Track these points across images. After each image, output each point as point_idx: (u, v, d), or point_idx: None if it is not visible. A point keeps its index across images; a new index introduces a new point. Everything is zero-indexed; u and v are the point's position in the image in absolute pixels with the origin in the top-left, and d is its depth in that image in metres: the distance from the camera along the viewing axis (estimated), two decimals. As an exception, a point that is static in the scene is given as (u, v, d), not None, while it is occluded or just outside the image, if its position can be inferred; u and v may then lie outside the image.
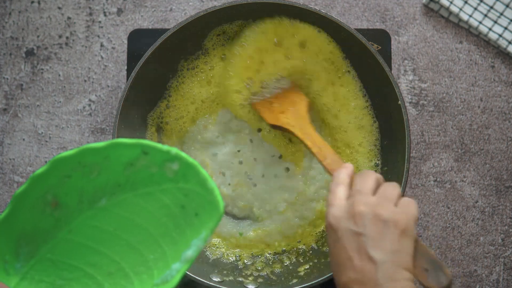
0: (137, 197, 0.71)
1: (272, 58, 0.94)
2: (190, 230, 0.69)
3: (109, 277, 0.71)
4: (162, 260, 0.71)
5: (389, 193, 0.72)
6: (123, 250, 0.71)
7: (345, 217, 0.71)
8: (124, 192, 0.70)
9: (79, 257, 0.71)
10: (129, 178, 0.70)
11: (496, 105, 1.07)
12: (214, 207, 0.68)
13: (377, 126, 0.99)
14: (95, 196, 0.70)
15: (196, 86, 0.99)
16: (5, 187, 1.06)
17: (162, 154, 0.69)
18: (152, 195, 0.70)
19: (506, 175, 1.06)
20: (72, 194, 0.69)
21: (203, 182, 0.68)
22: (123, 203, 0.71)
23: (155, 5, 1.08)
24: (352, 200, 0.72)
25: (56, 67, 1.07)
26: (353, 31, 0.93)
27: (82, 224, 0.71)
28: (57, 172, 0.68)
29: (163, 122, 0.99)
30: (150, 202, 0.71)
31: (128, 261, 0.71)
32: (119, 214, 0.70)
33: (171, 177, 0.69)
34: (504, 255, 1.05)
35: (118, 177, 0.69)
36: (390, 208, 0.70)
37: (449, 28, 1.08)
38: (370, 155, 0.99)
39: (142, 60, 0.92)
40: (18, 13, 1.08)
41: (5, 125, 1.06)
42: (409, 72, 1.07)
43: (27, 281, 0.69)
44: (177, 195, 0.70)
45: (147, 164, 0.69)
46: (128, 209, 0.71)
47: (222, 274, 0.95)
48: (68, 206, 0.69)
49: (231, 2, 0.93)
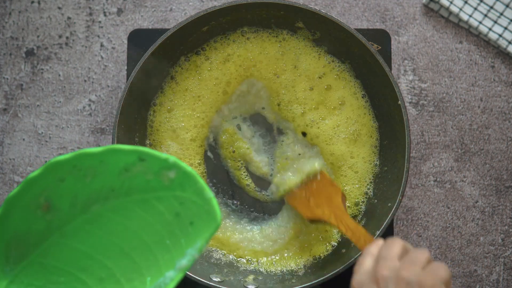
0: (131, 203, 0.70)
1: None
2: (184, 239, 0.69)
3: (100, 283, 0.71)
4: (155, 268, 0.70)
5: (416, 258, 0.70)
6: (115, 255, 0.71)
7: (368, 282, 0.70)
8: (118, 198, 0.70)
9: (70, 262, 0.70)
10: (124, 183, 0.69)
11: (496, 105, 1.07)
12: (211, 217, 0.67)
13: (377, 126, 0.99)
14: (89, 200, 0.70)
15: (196, 86, 0.99)
16: (5, 187, 1.06)
17: (160, 161, 0.68)
18: (146, 201, 0.70)
19: (506, 175, 1.06)
20: (65, 198, 0.68)
21: (201, 191, 0.68)
22: (116, 209, 0.70)
23: (155, 5, 1.08)
24: (376, 266, 0.71)
25: (56, 67, 1.07)
26: (353, 31, 0.93)
27: (74, 228, 0.70)
28: (51, 175, 0.67)
29: (163, 122, 0.99)
30: (144, 208, 0.70)
31: (120, 267, 0.71)
32: (112, 219, 0.70)
33: (167, 185, 0.69)
34: (504, 255, 1.05)
35: (112, 182, 0.69)
36: (415, 271, 0.68)
37: (449, 28, 1.08)
38: (370, 155, 0.99)
39: (142, 60, 0.92)
40: (18, 13, 1.08)
41: (5, 125, 1.06)
42: (409, 72, 1.07)
43: (15, 285, 0.68)
44: (172, 203, 0.69)
45: (143, 171, 0.68)
46: (121, 215, 0.70)
47: (222, 274, 0.95)
48: (60, 210, 0.69)
49: (231, 2, 0.93)
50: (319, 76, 1.00)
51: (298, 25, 0.98)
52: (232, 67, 1.00)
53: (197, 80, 0.99)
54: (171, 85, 0.99)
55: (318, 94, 0.99)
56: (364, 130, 0.99)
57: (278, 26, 0.99)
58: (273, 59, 1.00)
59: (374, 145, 0.99)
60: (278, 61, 1.00)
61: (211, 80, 1.00)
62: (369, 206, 0.98)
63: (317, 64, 1.00)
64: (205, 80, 0.99)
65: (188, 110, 1.00)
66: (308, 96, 0.99)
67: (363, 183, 0.99)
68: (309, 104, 0.99)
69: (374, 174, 0.99)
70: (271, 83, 1.00)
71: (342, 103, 0.99)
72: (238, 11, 0.95)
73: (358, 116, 0.99)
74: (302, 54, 1.00)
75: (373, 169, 0.99)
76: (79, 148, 1.06)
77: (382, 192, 0.97)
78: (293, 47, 1.00)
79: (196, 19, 0.93)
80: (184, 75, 0.99)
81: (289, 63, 1.00)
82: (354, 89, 0.99)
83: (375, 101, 0.99)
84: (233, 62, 1.00)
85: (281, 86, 1.00)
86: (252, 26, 0.99)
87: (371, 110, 0.99)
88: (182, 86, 0.99)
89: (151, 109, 0.99)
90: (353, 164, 0.99)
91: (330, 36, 0.97)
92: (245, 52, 1.00)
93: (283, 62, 1.00)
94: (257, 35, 1.00)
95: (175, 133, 0.99)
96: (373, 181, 0.99)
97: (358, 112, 0.99)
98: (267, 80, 1.00)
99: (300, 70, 1.00)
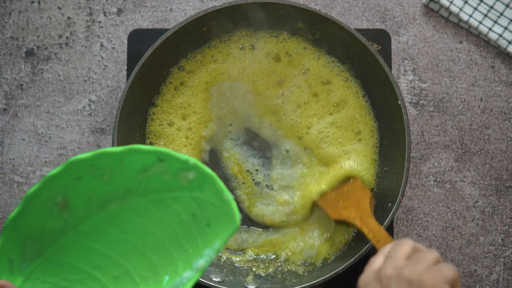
0: (148, 203, 0.70)
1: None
2: (201, 240, 0.69)
3: (115, 281, 0.71)
4: (171, 267, 0.71)
5: (423, 258, 0.69)
6: (130, 254, 0.71)
7: (373, 281, 0.70)
8: (135, 197, 0.70)
9: (85, 259, 0.71)
10: (141, 183, 0.70)
11: (496, 105, 1.07)
12: (230, 218, 0.68)
13: (377, 126, 0.99)
14: (105, 199, 0.70)
15: (196, 86, 0.99)
16: (5, 187, 1.06)
17: (179, 162, 0.68)
18: (163, 201, 0.70)
19: (506, 175, 1.06)
20: (81, 196, 0.69)
21: (220, 193, 0.68)
22: (133, 208, 0.70)
23: (155, 5, 1.08)
24: (382, 265, 0.71)
25: (56, 67, 1.07)
26: (353, 31, 0.93)
27: (89, 227, 0.71)
28: (70, 173, 0.67)
29: (163, 122, 0.99)
30: (161, 208, 0.70)
31: (135, 266, 0.71)
32: (128, 218, 0.70)
33: (185, 186, 0.69)
34: (504, 255, 1.05)
35: (130, 182, 0.69)
36: (418, 270, 0.68)
37: (449, 28, 1.08)
38: (370, 155, 0.99)
39: (142, 60, 0.92)
40: (18, 13, 1.08)
41: (5, 125, 1.06)
42: (409, 72, 1.07)
43: (31, 282, 0.69)
44: (190, 204, 0.70)
45: (161, 171, 0.69)
46: (137, 214, 0.70)
47: (222, 274, 0.95)
48: (76, 208, 0.69)
49: (231, 2, 0.93)
50: (319, 76, 0.99)
51: (298, 25, 0.98)
52: (232, 67, 1.00)
53: (197, 80, 0.99)
54: (171, 85, 0.99)
55: (318, 94, 0.99)
56: (364, 130, 0.99)
57: (278, 26, 0.99)
58: (273, 59, 1.00)
59: (374, 145, 0.99)
60: (278, 61, 1.00)
61: (211, 80, 1.00)
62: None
63: (317, 64, 1.00)
64: (205, 80, 0.99)
65: (188, 110, 1.00)
66: (308, 96, 0.99)
67: (363, 183, 0.99)
68: (309, 104, 0.99)
69: (374, 174, 0.99)
70: (271, 83, 1.00)
71: (342, 103, 0.99)
72: (238, 11, 0.95)
73: (358, 116, 0.99)
74: (302, 54, 1.00)
75: (373, 169, 0.99)
76: (79, 148, 1.06)
77: (382, 192, 0.97)
78: (293, 47, 1.00)
79: (196, 19, 0.93)
80: (185, 75, 0.99)
81: (289, 63, 1.00)
82: (354, 89, 0.99)
83: (375, 101, 0.99)
84: (233, 62, 1.00)
85: (281, 86, 1.00)
86: (252, 26, 0.99)
87: (371, 110, 0.99)
88: (182, 86, 0.99)
89: (151, 109, 0.99)
90: (353, 164, 0.99)
91: (330, 36, 0.97)
92: (245, 52, 1.00)
93: (283, 62, 1.00)
94: (257, 35, 1.00)
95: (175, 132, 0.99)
96: (373, 181, 0.99)
97: (358, 112, 0.99)
98: (267, 81, 1.00)
99: (300, 70, 1.00)
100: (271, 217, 0.98)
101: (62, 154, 1.06)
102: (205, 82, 0.99)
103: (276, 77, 1.00)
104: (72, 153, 1.06)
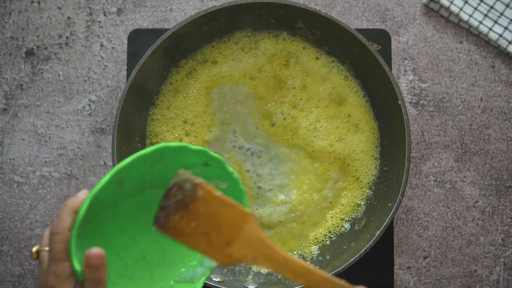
0: None
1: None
2: None
3: (135, 262, 0.75)
4: (179, 258, 0.76)
5: None
6: (149, 241, 0.75)
7: None
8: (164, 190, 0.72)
9: (117, 237, 0.75)
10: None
11: (496, 105, 1.07)
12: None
13: (377, 126, 0.99)
14: (145, 184, 0.73)
15: (196, 86, 0.99)
16: (5, 187, 1.06)
17: (222, 172, 0.73)
18: None
19: (506, 175, 1.06)
20: (132, 177, 0.71)
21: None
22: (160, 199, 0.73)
23: (155, 5, 1.08)
24: None
25: (56, 67, 1.07)
26: (353, 31, 0.93)
27: (124, 209, 0.74)
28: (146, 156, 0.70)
29: (163, 122, 0.99)
30: None
31: (151, 253, 0.76)
32: (155, 207, 0.71)
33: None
34: (504, 255, 1.05)
35: (169, 174, 0.70)
36: None
37: (449, 28, 1.08)
38: (370, 155, 0.99)
39: (142, 60, 0.92)
40: (18, 13, 1.08)
41: (5, 125, 1.06)
42: (409, 72, 1.07)
43: (79, 241, 0.69)
44: None
45: (198, 172, 0.71)
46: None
47: (222, 274, 0.95)
48: (124, 187, 0.71)
49: (231, 2, 0.93)
50: (319, 76, 0.99)
51: (298, 25, 0.98)
52: (232, 67, 1.00)
53: (197, 80, 0.99)
54: (171, 85, 0.99)
55: (318, 94, 0.99)
56: (364, 130, 0.99)
57: (278, 26, 0.99)
58: (273, 59, 1.00)
59: (374, 145, 0.99)
60: (278, 61, 1.00)
61: (210, 80, 1.00)
62: (369, 206, 0.98)
63: (317, 64, 1.00)
64: (204, 80, 0.99)
65: (187, 110, 1.00)
66: (308, 96, 0.99)
67: (363, 183, 0.99)
68: (308, 104, 0.99)
69: (374, 174, 0.99)
70: (271, 84, 1.00)
71: (342, 103, 0.99)
72: (238, 11, 0.95)
73: (358, 116, 0.99)
74: (302, 55, 1.00)
75: (373, 169, 0.99)
76: (79, 148, 1.06)
77: (382, 192, 0.97)
78: (293, 47, 1.00)
79: (196, 19, 0.93)
80: (185, 75, 0.99)
81: (289, 63, 1.00)
82: (354, 89, 0.99)
83: (375, 101, 0.99)
84: (233, 62, 1.00)
85: (281, 86, 1.00)
86: (252, 26, 0.99)
87: (371, 110, 0.99)
88: (182, 86, 0.99)
89: (151, 109, 0.99)
90: (353, 164, 0.99)
91: (330, 36, 0.97)
92: (245, 52, 1.00)
93: (283, 62, 1.00)
94: (257, 35, 1.00)
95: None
96: (373, 181, 0.99)
97: (358, 112, 0.99)
98: (266, 81, 1.00)
99: (300, 70, 1.00)
100: (268, 218, 0.99)
101: (62, 154, 1.06)
102: (205, 87, 0.99)
103: (276, 78, 1.00)
104: (72, 153, 1.06)
